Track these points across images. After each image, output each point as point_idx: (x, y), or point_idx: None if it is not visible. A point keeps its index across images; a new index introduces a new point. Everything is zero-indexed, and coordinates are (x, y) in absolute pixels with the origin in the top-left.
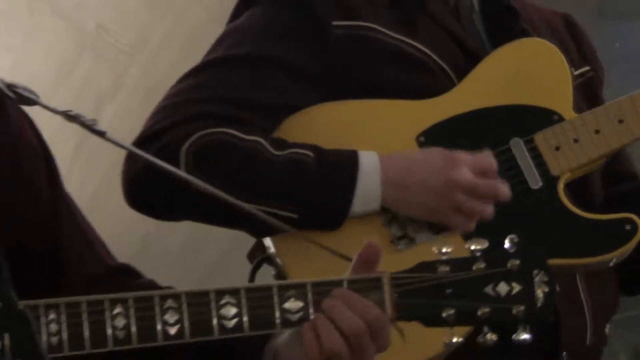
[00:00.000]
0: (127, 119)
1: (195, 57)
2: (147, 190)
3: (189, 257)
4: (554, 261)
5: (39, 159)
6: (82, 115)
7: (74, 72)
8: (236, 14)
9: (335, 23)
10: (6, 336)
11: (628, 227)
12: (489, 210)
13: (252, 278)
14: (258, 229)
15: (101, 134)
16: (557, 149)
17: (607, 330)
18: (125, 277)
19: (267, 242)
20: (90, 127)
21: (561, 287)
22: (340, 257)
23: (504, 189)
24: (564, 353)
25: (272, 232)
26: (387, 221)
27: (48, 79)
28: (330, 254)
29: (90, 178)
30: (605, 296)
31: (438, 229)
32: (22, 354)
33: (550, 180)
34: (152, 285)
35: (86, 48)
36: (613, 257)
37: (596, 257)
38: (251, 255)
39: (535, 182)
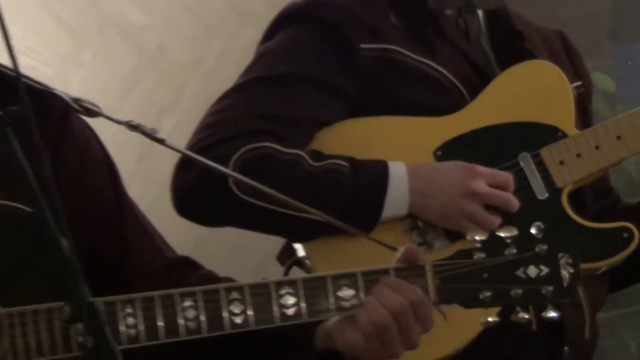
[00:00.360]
0: (186, 131)
1: None
2: (196, 202)
3: (234, 263)
4: None
5: (103, 166)
6: (142, 125)
7: (137, 87)
8: (268, 35)
9: (362, 46)
10: (79, 326)
11: (625, 235)
12: (497, 222)
13: None
14: (299, 235)
15: (161, 141)
16: (562, 163)
17: None
18: (186, 268)
19: (296, 245)
20: (150, 135)
21: None
22: (388, 248)
23: (514, 201)
24: (566, 347)
25: (309, 238)
26: (408, 228)
27: (114, 93)
28: (358, 258)
29: (149, 188)
30: (597, 294)
31: (454, 236)
32: (94, 341)
33: (555, 192)
34: (211, 276)
35: (148, 66)
36: (611, 263)
37: (598, 263)
38: (281, 258)
39: (541, 193)
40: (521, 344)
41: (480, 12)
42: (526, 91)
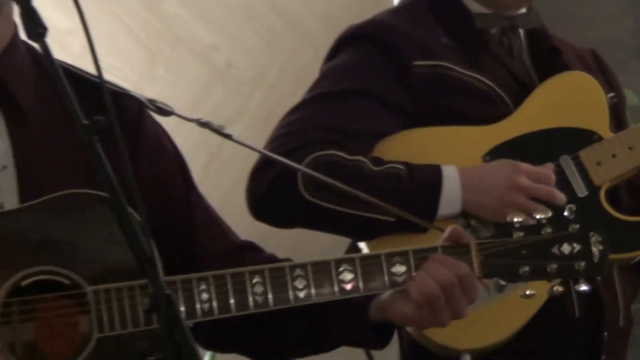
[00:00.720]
0: (250, 139)
1: (305, 89)
2: (270, 207)
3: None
4: None
5: (174, 160)
6: (211, 122)
7: (206, 100)
8: (331, 55)
9: (416, 63)
10: (156, 316)
11: None
12: (545, 211)
13: None
14: (361, 234)
15: (228, 137)
16: (599, 163)
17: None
18: (250, 251)
19: (361, 245)
20: (219, 131)
21: (601, 278)
22: (439, 230)
23: (559, 195)
24: (605, 333)
25: (371, 237)
26: (462, 228)
27: (185, 106)
28: None
29: (216, 192)
30: (631, 284)
31: (505, 232)
32: (170, 329)
33: (593, 189)
34: (273, 258)
35: (217, 81)
36: None
37: (632, 253)
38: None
39: (581, 191)
40: (565, 330)
41: (521, 31)
42: (564, 99)
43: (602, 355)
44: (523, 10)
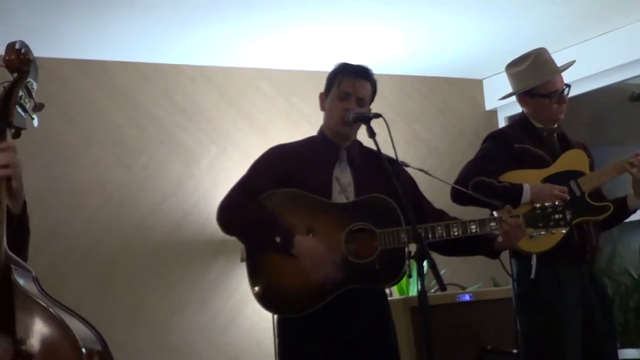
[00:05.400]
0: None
1: (457, 160)
2: (458, 198)
3: None
4: (581, 218)
5: (410, 181)
6: (425, 169)
7: (427, 163)
8: (483, 143)
9: (515, 145)
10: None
11: (608, 208)
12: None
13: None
14: (490, 208)
15: (426, 172)
16: (584, 183)
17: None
18: (442, 215)
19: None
20: (426, 172)
21: (587, 226)
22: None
23: (567, 196)
24: (587, 247)
25: (495, 210)
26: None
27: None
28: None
29: (429, 192)
30: (597, 229)
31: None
32: (419, 247)
33: (582, 192)
34: (449, 217)
35: (430, 155)
36: (603, 217)
37: (597, 217)
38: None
39: (577, 192)
40: (572, 245)
41: (555, 133)
42: (572, 159)
43: (586, 255)
44: (556, 125)
